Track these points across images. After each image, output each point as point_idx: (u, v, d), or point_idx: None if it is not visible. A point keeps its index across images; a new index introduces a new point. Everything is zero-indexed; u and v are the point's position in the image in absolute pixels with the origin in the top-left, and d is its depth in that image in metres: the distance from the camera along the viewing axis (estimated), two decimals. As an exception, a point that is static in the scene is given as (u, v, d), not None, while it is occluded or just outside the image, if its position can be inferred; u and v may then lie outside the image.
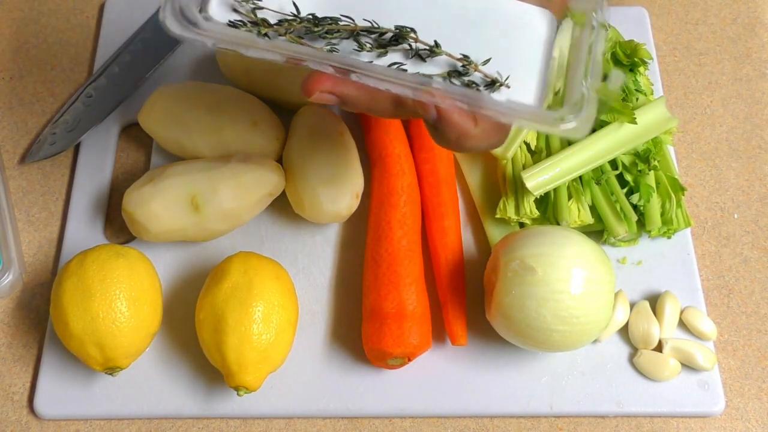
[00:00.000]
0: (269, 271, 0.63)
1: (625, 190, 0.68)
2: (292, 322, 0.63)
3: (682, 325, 0.67)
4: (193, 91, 0.71)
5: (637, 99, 0.71)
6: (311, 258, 0.71)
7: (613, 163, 0.69)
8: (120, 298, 0.61)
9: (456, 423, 0.65)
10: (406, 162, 0.71)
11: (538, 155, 0.70)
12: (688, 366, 0.65)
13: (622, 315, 0.66)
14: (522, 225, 0.69)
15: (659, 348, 0.66)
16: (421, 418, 0.65)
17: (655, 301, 0.68)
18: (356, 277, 0.69)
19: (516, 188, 0.68)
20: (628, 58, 0.72)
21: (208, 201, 0.65)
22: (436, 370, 0.66)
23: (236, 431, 0.65)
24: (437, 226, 0.69)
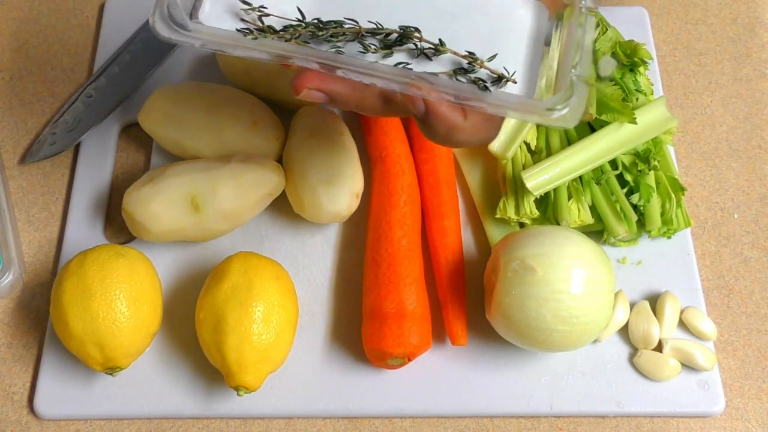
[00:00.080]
0: (269, 271, 0.63)
1: (625, 190, 0.68)
2: (292, 322, 0.63)
3: (682, 325, 0.67)
4: (193, 91, 0.71)
5: (637, 99, 0.71)
6: (311, 258, 0.71)
7: (613, 163, 0.69)
8: (120, 298, 0.61)
9: (456, 423, 0.65)
10: (406, 162, 0.71)
11: (538, 155, 0.70)
12: (688, 366, 0.65)
13: (622, 315, 0.66)
14: (522, 225, 0.69)
15: (659, 348, 0.66)
16: (421, 418, 0.65)
17: (655, 301, 0.68)
18: (356, 277, 0.69)
19: (516, 188, 0.68)
20: (628, 58, 0.72)
21: (208, 201, 0.65)
22: (436, 370, 0.66)
23: (236, 431, 0.65)
24: (437, 226, 0.69)
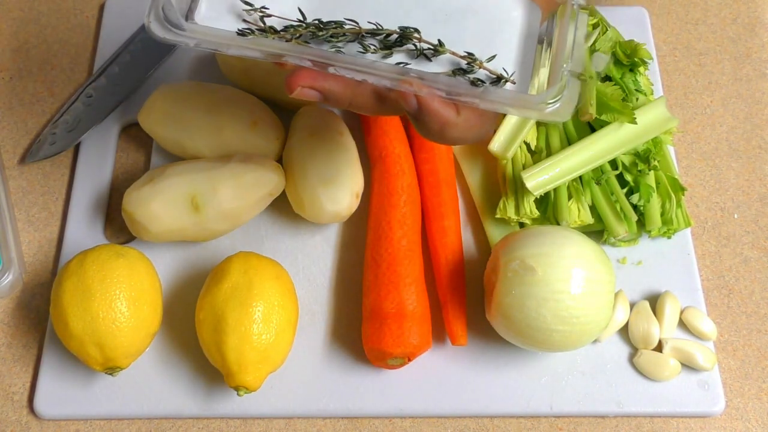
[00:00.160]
0: (269, 271, 0.63)
1: (625, 190, 0.68)
2: (292, 322, 0.63)
3: (682, 325, 0.67)
4: (193, 91, 0.71)
5: (637, 99, 0.71)
6: (311, 258, 0.70)
7: (613, 163, 0.69)
8: (120, 298, 0.61)
9: (456, 423, 0.65)
10: (406, 162, 0.71)
11: (538, 155, 0.70)
12: (688, 366, 0.65)
13: (622, 315, 0.66)
14: (522, 225, 0.69)
15: (659, 348, 0.66)
16: (421, 418, 0.65)
17: (655, 301, 0.68)
18: (356, 277, 0.69)
19: (516, 188, 0.68)
20: (628, 58, 0.72)
21: (208, 201, 0.65)
22: (436, 370, 0.66)
23: (236, 431, 0.65)
24: (437, 226, 0.69)
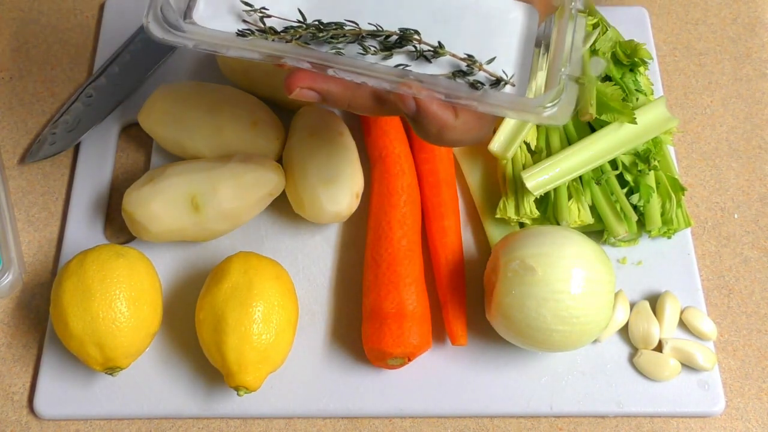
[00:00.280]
0: (269, 271, 0.63)
1: (625, 190, 0.68)
2: (292, 322, 0.63)
3: (682, 325, 0.67)
4: (193, 91, 0.71)
5: (637, 99, 0.71)
6: (311, 258, 0.70)
7: (613, 163, 0.69)
8: (120, 298, 0.61)
9: (456, 423, 0.65)
10: (406, 162, 0.71)
11: (538, 155, 0.70)
12: (688, 366, 0.65)
13: (622, 315, 0.66)
14: (522, 225, 0.69)
15: (659, 348, 0.66)
16: (421, 418, 0.65)
17: (655, 301, 0.68)
18: (356, 277, 0.69)
19: (516, 188, 0.68)
20: (628, 58, 0.72)
21: (208, 201, 0.65)
22: (436, 370, 0.66)
23: (236, 431, 0.65)
24: (437, 226, 0.69)
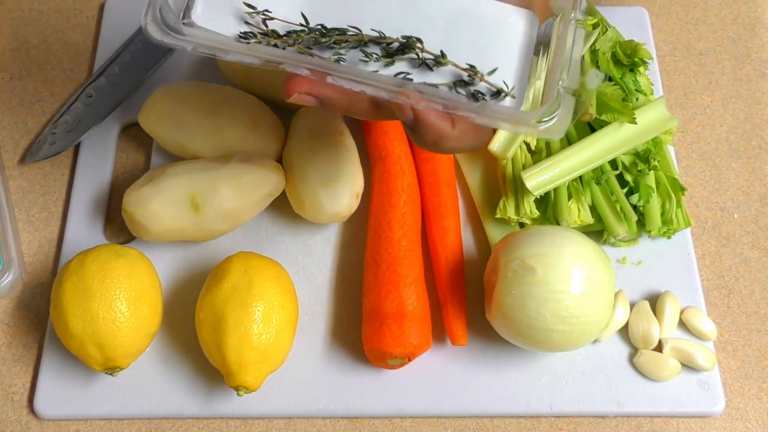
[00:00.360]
0: (269, 271, 0.63)
1: (625, 190, 0.68)
2: (292, 322, 0.63)
3: (682, 325, 0.67)
4: (193, 91, 0.71)
5: (637, 99, 0.71)
6: (311, 258, 0.70)
7: (613, 163, 0.69)
8: (120, 298, 0.61)
9: (456, 423, 0.65)
10: (406, 162, 0.71)
11: (538, 155, 0.70)
12: (688, 366, 0.65)
13: (622, 315, 0.66)
14: (522, 225, 0.69)
15: (659, 348, 0.66)
16: (421, 418, 0.65)
17: (655, 301, 0.68)
18: (356, 277, 0.69)
19: (516, 188, 0.68)
20: (628, 58, 0.72)
21: (208, 201, 0.65)
22: (436, 370, 0.66)
23: (236, 431, 0.65)
24: (437, 226, 0.69)
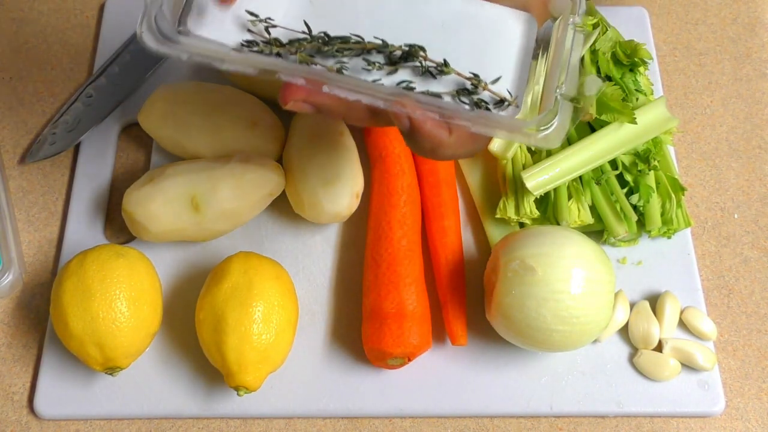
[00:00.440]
0: (269, 271, 0.63)
1: (625, 190, 0.68)
2: (292, 322, 0.63)
3: (682, 325, 0.67)
4: (193, 91, 0.71)
5: (637, 99, 0.71)
6: (311, 258, 0.70)
7: (613, 163, 0.69)
8: (120, 298, 0.61)
9: (456, 423, 0.65)
10: (406, 162, 0.71)
11: (538, 155, 0.70)
12: (688, 366, 0.65)
13: (622, 315, 0.66)
14: (522, 225, 0.69)
15: (659, 348, 0.66)
16: (421, 418, 0.65)
17: (655, 301, 0.68)
18: (356, 277, 0.69)
19: (516, 188, 0.68)
20: (628, 58, 0.72)
21: (208, 201, 0.65)
22: (436, 370, 0.66)
23: (236, 431, 0.65)
24: (437, 226, 0.69)
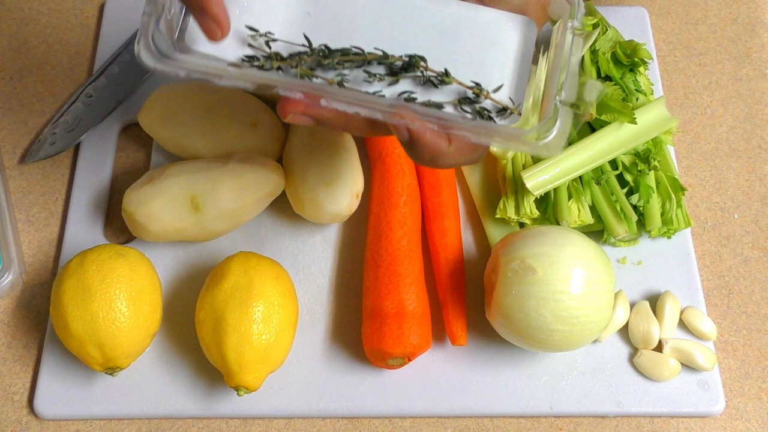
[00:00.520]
0: (269, 271, 0.63)
1: (625, 190, 0.68)
2: (292, 322, 0.63)
3: (682, 325, 0.67)
4: (193, 91, 0.71)
5: (637, 99, 0.71)
6: (311, 258, 0.70)
7: (613, 163, 0.69)
8: (120, 298, 0.61)
9: (456, 423, 0.65)
10: (406, 162, 0.71)
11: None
12: (688, 366, 0.65)
13: (622, 315, 0.66)
14: (522, 225, 0.69)
15: (659, 348, 0.66)
16: (421, 418, 0.65)
17: (655, 301, 0.68)
18: (356, 277, 0.69)
19: (516, 188, 0.68)
20: (628, 58, 0.72)
21: (208, 201, 0.65)
22: (436, 370, 0.66)
23: (236, 431, 0.65)
24: (437, 226, 0.69)
